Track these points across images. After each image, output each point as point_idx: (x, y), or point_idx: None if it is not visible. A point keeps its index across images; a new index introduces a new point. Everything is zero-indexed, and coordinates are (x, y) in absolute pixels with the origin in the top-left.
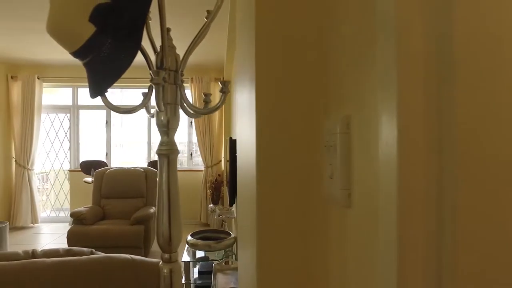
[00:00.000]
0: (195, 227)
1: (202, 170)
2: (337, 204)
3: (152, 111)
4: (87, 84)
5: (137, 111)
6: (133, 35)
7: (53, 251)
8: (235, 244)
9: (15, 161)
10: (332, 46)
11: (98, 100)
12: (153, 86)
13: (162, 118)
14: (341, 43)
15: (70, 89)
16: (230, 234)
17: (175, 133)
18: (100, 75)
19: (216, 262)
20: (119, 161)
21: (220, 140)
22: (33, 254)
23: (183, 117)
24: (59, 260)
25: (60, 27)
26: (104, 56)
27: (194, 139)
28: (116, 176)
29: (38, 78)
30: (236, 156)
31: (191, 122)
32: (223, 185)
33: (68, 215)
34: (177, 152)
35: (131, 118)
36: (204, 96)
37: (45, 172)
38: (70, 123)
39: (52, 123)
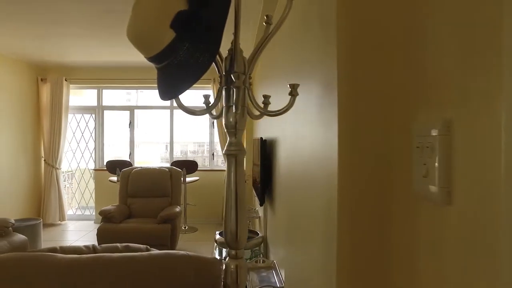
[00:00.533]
0: (218, 226)
1: (224, 170)
2: (432, 201)
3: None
4: (111, 85)
5: (207, 112)
6: (212, 40)
7: (112, 247)
8: (263, 243)
9: (44, 160)
10: (422, 48)
11: (121, 101)
12: (223, 88)
13: (231, 120)
14: (437, 47)
15: (95, 91)
16: (258, 234)
17: (242, 134)
18: (176, 78)
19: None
20: (136, 160)
21: (243, 140)
22: (94, 249)
23: (205, 117)
24: (124, 255)
25: (141, 34)
26: (180, 60)
27: (216, 139)
28: (142, 175)
29: (66, 80)
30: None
31: (213, 122)
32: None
33: (93, 213)
34: (244, 152)
35: (148, 118)
36: (263, 98)
37: (71, 171)
38: (95, 124)
39: (78, 123)
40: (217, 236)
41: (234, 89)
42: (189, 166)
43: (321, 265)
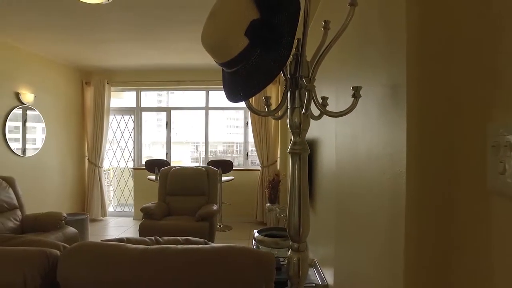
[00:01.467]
0: (252, 225)
1: (258, 170)
2: (509, 197)
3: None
4: (150, 87)
5: (273, 114)
6: (283, 46)
7: (173, 240)
8: None
9: (88, 159)
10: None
11: (153, 103)
12: (289, 91)
13: (295, 120)
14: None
15: (134, 93)
16: None
17: (306, 134)
18: (247, 82)
19: (281, 259)
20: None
21: (276, 140)
22: (157, 241)
23: (239, 118)
24: (188, 247)
25: (217, 42)
26: (252, 65)
27: (250, 139)
28: (180, 174)
29: (107, 83)
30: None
31: (247, 123)
32: (280, 185)
33: (132, 210)
34: (307, 151)
35: (178, 119)
36: (321, 100)
37: (112, 170)
38: (134, 124)
39: (118, 124)
40: (256, 234)
41: (297, 92)
42: (225, 165)
43: (385, 263)
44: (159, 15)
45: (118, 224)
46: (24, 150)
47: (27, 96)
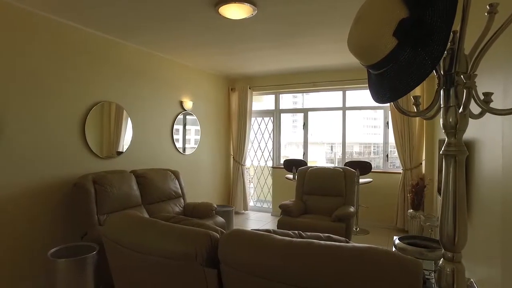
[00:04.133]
0: (391, 231)
1: (399, 173)
2: None
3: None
4: (287, 90)
5: (424, 114)
6: (437, 42)
7: (315, 235)
8: None
9: (233, 157)
10: None
11: (293, 104)
12: (442, 88)
13: (450, 120)
14: None
15: (273, 96)
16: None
17: (463, 134)
18: (396, 83)
19: (426, 272)
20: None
21: (421, 141)
22: (300, 235)
23: (378, 117)
24: (331, 244)
25: (364, 44)
26: (401, 66)
27: (391, 139)
28: (317, 174)
29: (249, 88)
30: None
31: (387, 122)
32: (426, 190)
33: (270, 207)
34: (465, 153)
35: (317, 120)
36: (483, 96)
37: (253, 168)
38: (273, 126)
39: (259, 126)
40: (397, 241)
41: (452, 89)
42: (363, 167)
43: None
44: (299, 21)
45: (257, 218)
46: (184, 149)
47: (188, 104)
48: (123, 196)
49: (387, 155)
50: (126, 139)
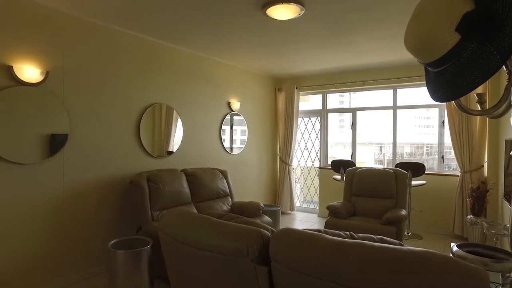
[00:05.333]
0: (447, 238)
1: (456, 175)
2: None
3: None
4: (334, 89)
5: (491, 112)
6: (508, 35)
7: (367, 237)
8: None
9: (279, 158)
10: None
11: (340, 104)
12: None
13: None
14: None
15: (320, 96)
16: None
17: None
18: (458, 80)
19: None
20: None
21: (482, 142)
22: (351, 235)
23: (432, 116)
24: (385, 246)
25: (422, 41)
26: (464, 62)
27: (447, 140)
28: (366, 175)
29: (296, 88)
30: None
31: (443, 122)
32: (489, 195)
33: (317, 208)
34: None
35: (365, 120)
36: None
37: (299, 168)
38: (320, 126)
39: (306, 126)
40: (455, 249)
41: None
42: (416, 168)
43: None
44: (348, 19)
45: (304, 219)
46: (231, 149)
47: (235, 104)
48: (175, 193)
49: (443, 157)
50: (176, 139)
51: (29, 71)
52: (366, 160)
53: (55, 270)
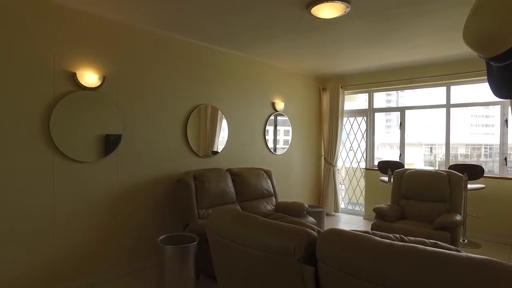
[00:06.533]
0: (506, 248)
1: None
2: None
3: None
4: (381, 88)
5: None
6: None
7: (420, 241)
8: None
9: (324, 158)
10: None
11: (386, 103)
12: None
13: None
14: None
15: (366, 95)
16: None
17: None
18: None
19: None
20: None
21: None
22: (402, 238)
23: (492, 115)
24: (439, 251)
25: (486, 35)
26: None
27: (511, 140)
28: (416, 177)
29: (341, 88)
30: None
31: (506, 120)
32: None
33: (362, 210)
34: None
35: (413, 119)
36: None
37: (344, 169)
38: (366, 126)
39: (351, 126)
40: None
41: None
42: (472, 171)
43: None
44: (396, 13)
45: (349, 221)
46: (275, 149)
47: (279, 105)
48: (220, 192)
49: (506, 158)
50: (221, 139)
51: (89, 77)
52: (415, 161)
53: (108, 261)
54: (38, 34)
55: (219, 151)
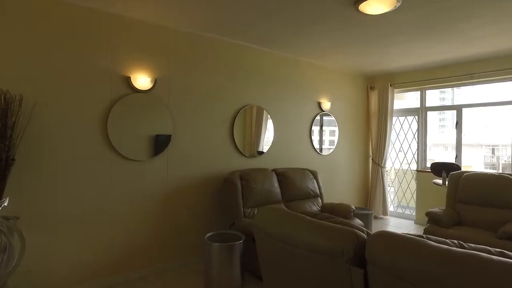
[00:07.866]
0: None
1: None
2: None
3: None
4: (435, 85)
5: None
6: None
7: (482, 248)
8: None
9: (372, 159)
10: None
11: (440, 101)
12: None
13: None
14: None
15: (418, 93)
16: None
17: None
18: None
19: None
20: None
21: None
22: (461, 245)
23: None
24: (505, 261)
25: None
26: None
27: None
28: (476, 181)
29: (390, 86)
30: None
31: None
32: None
33: (413, 214)
34: None
35: (471, 118)
36: None
37: (394, 170)
38: (418, 125)
39: (401, 125)
40: None
41: None
42: None
43: None
44: (452, 4)
45: (398, 225)
46: (320, 149)
47: (326, 104)
48: (266, 192)
49: None
50: (266, 139)
51: (142, 80)
52: (473, 163)
53: (160, 256)
54: (101, 43)
55: (265, 151)
